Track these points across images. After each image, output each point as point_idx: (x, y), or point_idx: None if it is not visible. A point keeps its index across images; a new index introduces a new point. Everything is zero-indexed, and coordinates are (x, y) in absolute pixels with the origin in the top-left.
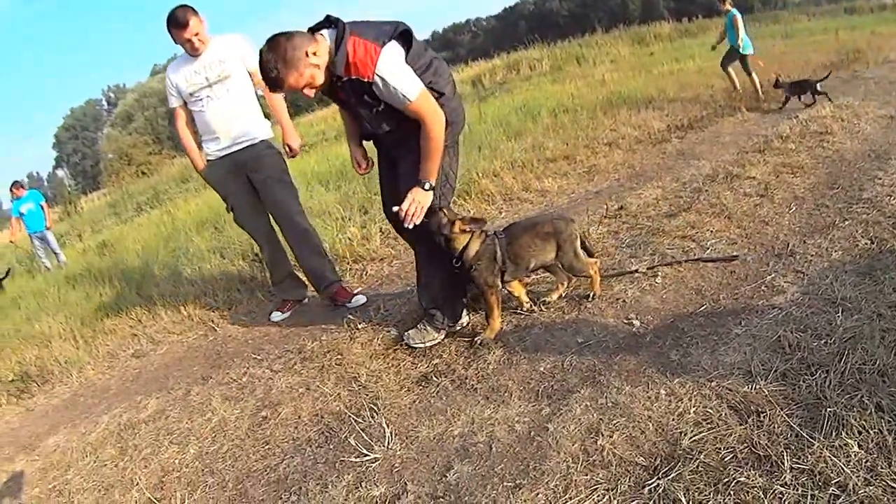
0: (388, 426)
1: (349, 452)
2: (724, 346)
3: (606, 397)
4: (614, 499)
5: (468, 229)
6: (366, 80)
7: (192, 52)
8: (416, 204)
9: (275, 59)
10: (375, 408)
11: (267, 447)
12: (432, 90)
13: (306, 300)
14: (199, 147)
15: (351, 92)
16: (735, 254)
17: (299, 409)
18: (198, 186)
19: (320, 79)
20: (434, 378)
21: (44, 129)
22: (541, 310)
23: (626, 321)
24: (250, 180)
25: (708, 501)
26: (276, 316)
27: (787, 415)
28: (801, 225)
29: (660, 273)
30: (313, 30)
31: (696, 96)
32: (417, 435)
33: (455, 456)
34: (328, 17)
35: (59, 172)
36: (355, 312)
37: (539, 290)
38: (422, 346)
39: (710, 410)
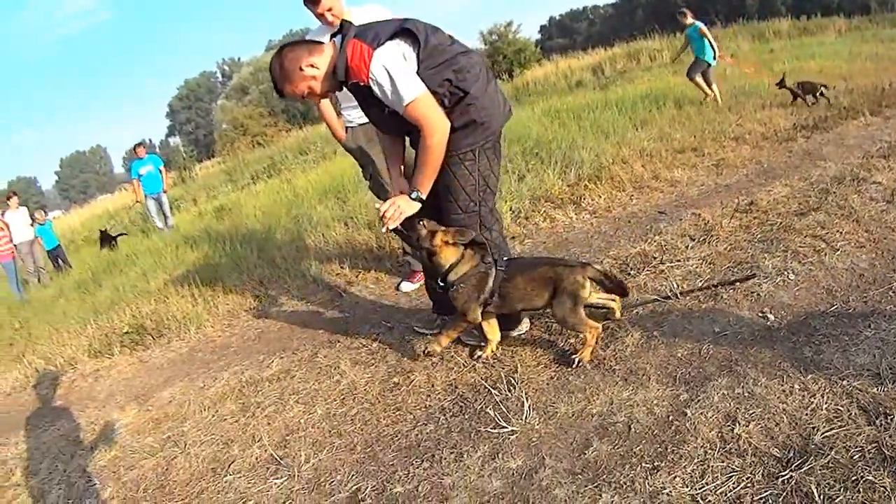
0: (526, 400)
1: (486, 423)
2: (855, 347)
3: (743, 387)
4: (749, 487)
5: (451, 241)
6: (362, 83)
7: (328, 26)
8: (396, 209)
9: (274, 69)
10: (513, 381)
11: (398, 413)
12: (458, 89)
13: None
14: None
15: (358, 95)
16: (753, 273)
17: (433, 378)
18: (317, 158)
19: (319, 88)
20: (571, 356)
21: (156, 97)
22: (677, 297)
23: (760, 314)
24: None
25: (838, 497)
26: (406, 286)
27: None
28: None
29: (791, 271)
30: (333, 35)
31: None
32: (556, 411)
33: (594, 434)
34: (343, 22)
35: (172, 140)
36: None
37: (674, 274)
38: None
39: (840, 408)
